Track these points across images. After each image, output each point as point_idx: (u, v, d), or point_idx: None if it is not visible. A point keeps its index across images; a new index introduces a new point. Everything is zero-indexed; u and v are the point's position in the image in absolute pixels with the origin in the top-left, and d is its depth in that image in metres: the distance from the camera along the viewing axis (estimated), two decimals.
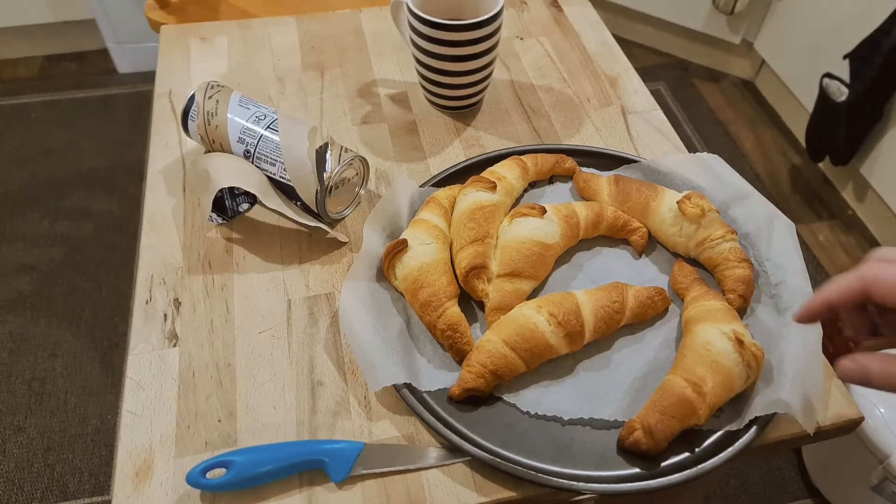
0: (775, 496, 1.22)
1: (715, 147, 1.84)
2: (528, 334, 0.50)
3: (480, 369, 0.50)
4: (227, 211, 0.60)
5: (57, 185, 1.70)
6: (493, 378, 0.50)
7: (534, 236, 0.56)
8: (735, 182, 0.63)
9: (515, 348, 0.50)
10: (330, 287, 0.59)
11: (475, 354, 0.51)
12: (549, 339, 0.51)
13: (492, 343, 0.51)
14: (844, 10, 1.57)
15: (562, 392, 0.51)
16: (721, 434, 0.49)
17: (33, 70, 2.02)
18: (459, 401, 0.51)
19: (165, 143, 0.70)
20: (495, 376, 0.50)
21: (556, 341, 0.51)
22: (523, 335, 0.50)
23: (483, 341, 0.51)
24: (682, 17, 1.97)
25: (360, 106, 0.75)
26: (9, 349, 1.39)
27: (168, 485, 0.47)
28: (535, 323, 0.51)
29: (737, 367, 0.49)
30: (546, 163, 0.65)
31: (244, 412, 0.51)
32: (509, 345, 0.50)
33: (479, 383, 0.50)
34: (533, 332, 0.50)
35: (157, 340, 0.55)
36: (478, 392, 0.50)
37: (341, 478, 0.47)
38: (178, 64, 0.79)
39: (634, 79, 0.80)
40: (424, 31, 0.66)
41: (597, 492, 0.46)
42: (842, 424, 0.51)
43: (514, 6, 0.89)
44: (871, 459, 1.04)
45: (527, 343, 0.50)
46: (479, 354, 0.50)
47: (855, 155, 1.58)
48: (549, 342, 0.51)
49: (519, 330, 0.51)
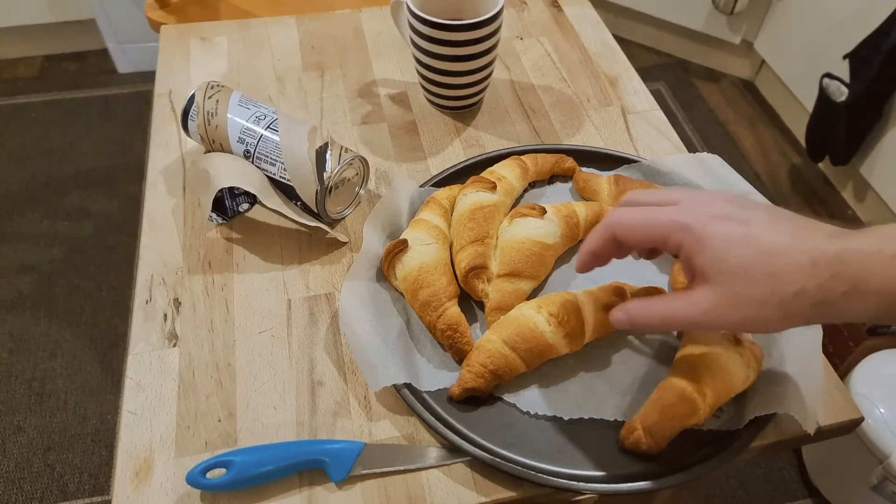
0: (775, 496, 1.22)
1: (715, 147, 1.85)
2: (528, 334, 0.50)
3: (480, 369, 0.50)
4: (227, 211, 0.60)
5: (57, 185, 1.70)
6: (493, 378, 0.50)
7: (534, 236, 0.56)
8: (735, 182, 0.63)
9: (515, 348, 0.50)
10: (330, 287, 0.59)
11: (475, 354, 0.51)
12: (549, 339, 0.50)
13: (492, 343, 0.51)
14: (844, 10, 1.58)
15: (562, 392, 0.51)
16: (721, 434, 0.49)
17: (33, 70, 2.02)
18: (459, 401, 0.51)
19: (165, 143, 0.70)
20: (495, 376, 0.50)
21: (556, 341, 0.51)
22: (523, 335, 0.50)
23: (483, 341, 0.51)
24: (682, 17, 1.97)
25: (360, 106, 0.75)
26: (9, 349, 1.39)
27: (168, 485, 0.47)
28: (536, 323, 0.51)
29: (737, 367, 0.49)
30: (546, 163, 0.65)
31: (244, 412, 0.51)
32: (509, 345, 0.50)
33: (479, 383, 0.50)
34: (533, 332, 0.50)
35: (157, 340, 0.55)
36: (478, 392, 0.50)
37: (341, 478, 0.47)
38: (178, 64, 0.79)
39: (634, 79, 0.80)
40: (424, 31, 0.66)
41: (597, 492, 0.46)
42: (842, 424, 0.51)
43: (514, 6, 0.89)
44: (871, 459, 1.04)
45: (527, 343, 0.50)
46: (479, 354, 0.50)
47: (855, 155, 1.58)
48: (549, 342, 0.51)
49: (519, 330, 0.51)
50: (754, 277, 0.39)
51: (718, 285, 0.40)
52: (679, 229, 0.41)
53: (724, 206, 0.41)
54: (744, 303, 0.39)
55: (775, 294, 0.38)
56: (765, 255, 0.39)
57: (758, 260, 0.39)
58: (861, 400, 1.05)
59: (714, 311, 0.40)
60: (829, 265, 0.37)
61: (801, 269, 0.38)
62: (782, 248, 0.38)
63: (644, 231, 0.43)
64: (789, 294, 0.38)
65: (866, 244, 0.37)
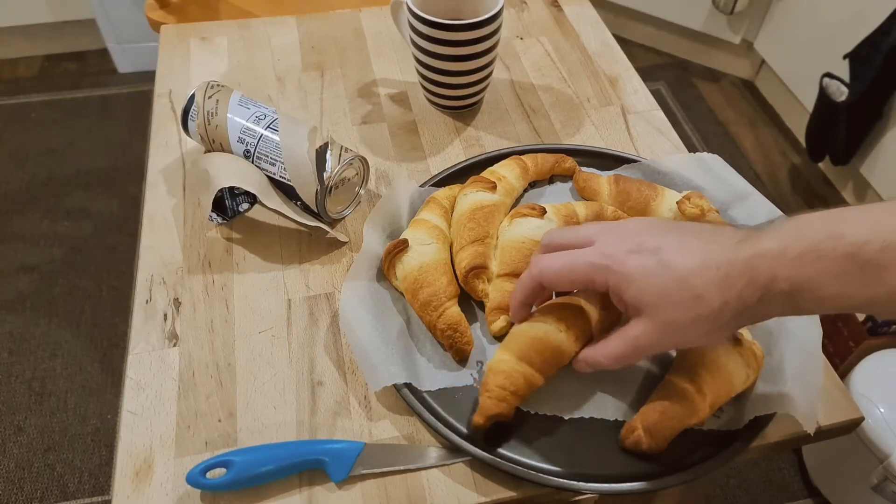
0: (775, 496, 1.22)
1: (715, 147, 1.84)
2: (540, 346, 0.49)
3: (500, 392, 0.47)
4: (227, 211, 0.60)
5: (57, 185, 1.70)
6: (514, 399, 0.48)
7: (534, 236, 0.56)
8: (735, 182, 0.63)
9: (531, 363, 0.48)
10: (330, 287, 0.59)
11: (491, 378, 0.48)
12: (562, 346, 0.49)
13: (505, 363, 0.48)
14: (844, 10, 1.57)
15: (562, 392, 0.51)
16: (721, 434, 0.49)
17: (33, 70, 2.02)
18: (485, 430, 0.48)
19: (165, 143, 0.70)
20: (517, 396, 0.48)
21: (570, 346, 0.49)
22: (536, 348, 0.48)
23: (495, 363, 0.49)
24: (682, 17, 1.97)
25: (360, 106, 0.75)
26: (9, 349, 1.39)
27: (168, 485, 0.47)
28: (546, 332, 0.49)
29: (737, 367, 0.49)
30: (546, 163, 0.65)
31: (244, 412, 0.51)
32: (524, 360, 0.48)
33: (502, 408, 0.47)
34: (544, 342, 0.49)
35: (157, 340, 0.55)
36: (502, 417, 0.48)
37: (341, 478, 0.47)
38: (178, 64, 0.79)
39: (634, 79, 0.80)
40: (424, 30, 0.66)
41: (597, 492, 0.46)
42: (842, 424, 0.51)
43: (514, 6, 0.89)
44: (871, 459, 1.04)
45: (541, 355, 0.48)
46: (496, 377, 0.48)
47: (855, 155, 1.58)
48: (563, 348, 0.49)
49: (531, 343, 0.49)
50: (677, 303, 0.41)
51: (647, 316, 0.42)
52: (600, 270, 0.43)
53: (634, 239, 0.44)
54: (672, 327, 0.42)
55: (700, 314, 0.41)
56: (680, 280, 0.41)
57: (675, 286, 0.41)
58: (861, 400, 1.05)
59: (648, 340, 0.43)
60: (741, 274, 0.39)
61: (717, 284, 0.40)
62: (695, 269, 0.41)
63: (568, 276, 0.45)
64: (713, 311, 0.40)
65: (771, 247, 0.39)
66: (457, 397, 0.51)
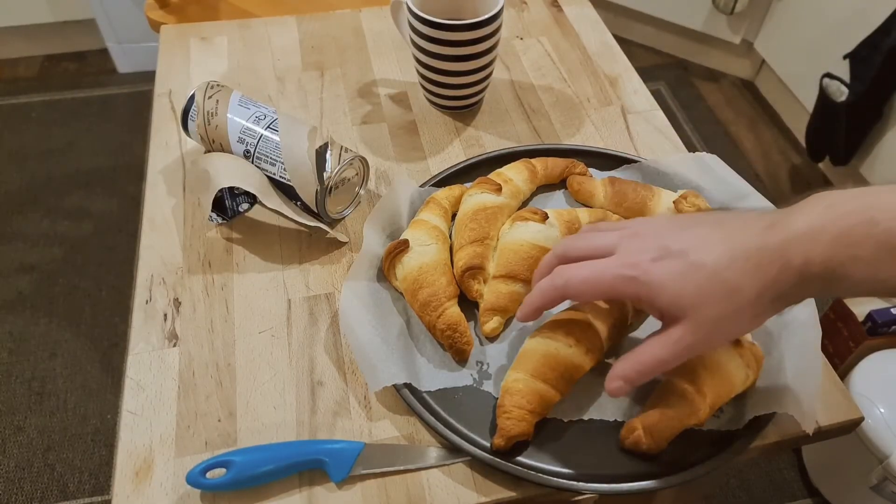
0: (775, 496, 1.22)
1: (715, 147, 1.84)
2: (553, 362, 0.48)
3: (520, 412, 0.47)
4: (227, 211, 0.60)
5: (57, 185, 1.70)
6: (533, 417, 0.47)
7: (533, 240, 0.56)
8: (735, 182, 0.63)
9: (546, 379, 0.48)
10: (330, 287, 0.59)
11: (508, 399, 0.48)
12: (574, 360, 0.49)
13: (520, 382, 0.48)
14: (844, 10, 1.57)
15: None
16: (721, 434, 0.49)
17: (33, 70, 2.02)
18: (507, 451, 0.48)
19: (165, 143, 0.70)
20: (535, 415, 0.48)
21: (582, 360, 0.49)
22: (549, 364, 0.48)
23: (510, 383, 0.49)
24: (682, 17, 1.97)
25: (360, 106, 0.75)
26: (9, 349, 1.39)
27: (168, 485, 0.47)
28: (556, 348, 0.49)
29: (737, 368, 0.49)
30: (556, 167, 0.65)
31: (244, 412, 0.51)
32: (539, 378, 0.48)
33: (521, 427, 0.47)
34: (556, 357, 0.49)
35: (157, 340, 0.55)
36: (523, 437, 0.47)
37: (341, 478, 0.47)
38: (178, 64, 0.79)
39: (634, 79, 0.80)
40: (424, 30, 0.66)
41: (597, 492, 0.46)
42: (842, 424, 0.51)
43: (514, 6, 0.89)
44: (871, 459, 1.04)
45: (554, 371, 0.48)
46: (513, 398, 0.48)
47: (855, 155, 1.58)
48: (576, 362, 0.49)
49: (544, 360, 0.49)
50: (716, 299, 0.41)
51: (688, 318, 0.42)
52: (627, 282, 0.43)
53: (657, 243, 0.43)
54: (717, 322, 0.42)
55: (741, 305, 0.41)
56: (713, 275, 0.41)
57: (709, 283, 0.41)
58: (861, 400, 1.05)
59: (696, 340, 0.42)
60: (774, 261, 0.39)
61: (750, 274, 0.40)
62: (725, 262, 0.41)
63: (594, 289, 0.44)
64: (751, 300, 0.40)
65: (802, 230, 0.39)
66: (457, 397, 0.51)
